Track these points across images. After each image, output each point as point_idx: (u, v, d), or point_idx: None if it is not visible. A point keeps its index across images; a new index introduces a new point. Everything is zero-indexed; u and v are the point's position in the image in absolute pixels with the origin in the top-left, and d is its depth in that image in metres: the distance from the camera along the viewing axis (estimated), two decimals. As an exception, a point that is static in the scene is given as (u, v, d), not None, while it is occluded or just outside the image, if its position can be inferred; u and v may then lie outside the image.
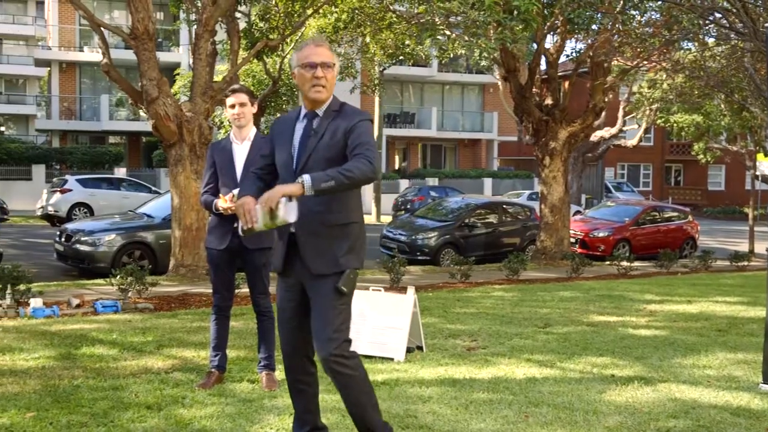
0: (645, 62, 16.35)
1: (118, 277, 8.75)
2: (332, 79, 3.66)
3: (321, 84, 3.61)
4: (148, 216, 13.04)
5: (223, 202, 4.94)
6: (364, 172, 3.39)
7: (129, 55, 15.80)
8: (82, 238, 12.10)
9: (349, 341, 3.63)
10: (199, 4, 11.92)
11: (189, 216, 11.33)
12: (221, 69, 17.59)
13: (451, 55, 20.85)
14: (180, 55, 32.86)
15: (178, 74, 24.59)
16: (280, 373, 5.05)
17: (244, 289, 7.24)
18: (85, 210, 21.47)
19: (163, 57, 24.05)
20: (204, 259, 11.26)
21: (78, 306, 8.22)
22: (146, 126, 17.13)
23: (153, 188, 23.53)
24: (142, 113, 11.78)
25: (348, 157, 3.51)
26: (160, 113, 11.12)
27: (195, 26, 12.77)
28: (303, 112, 3.75)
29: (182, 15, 17.85)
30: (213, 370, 5.22)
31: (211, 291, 5.37)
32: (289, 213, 3.35)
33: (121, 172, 27.95)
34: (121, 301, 8.40)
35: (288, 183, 3.47)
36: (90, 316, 7.81)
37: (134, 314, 8.03)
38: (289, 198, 3.35)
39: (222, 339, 5.23)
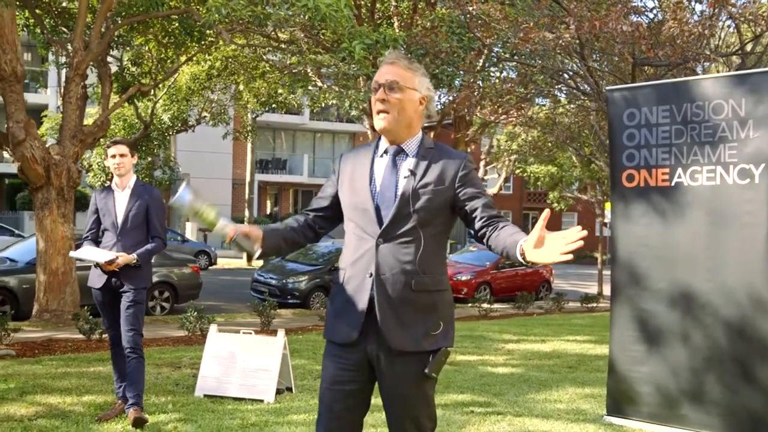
0: (503, 116, 17.35)
1: (-21, 323, 8.49)
2: (408, 104, 2.84)
3: (383, 109, 2.82)
4: (11, 260, 12.62)
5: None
6: None
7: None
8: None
9: None
10: (70, 48, 11.82)
11: (55, 260, 11.08)
12: (91, 112, 17.31)
13: (323, 105, 21.34)
14: (48, 96, 31.70)
15: (45, 116, 23.84)
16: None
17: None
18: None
19: (31, 98, 23.29)
20: (69, 305, 11.11)
21: (-64, 354, 7.94)
22: (9, 168, 16.48)
23: (16, 232, 22.49)
24: (6, 155, 11.47)
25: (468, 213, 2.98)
26: (26, 156, 10.89)
27: (65, 69, 12.62)
28: (382, 144, 2.94)
29: (51, 57, 17.50)
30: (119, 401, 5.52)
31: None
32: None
33: (-19, 215, 26.57)
34: (-18, 347, 8.17)
35: (367, 227, 2.82)
36: (-51, 364, 7.55)
37: (-4, 361, 7.82)
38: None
39: (123, 371, 5.40)
